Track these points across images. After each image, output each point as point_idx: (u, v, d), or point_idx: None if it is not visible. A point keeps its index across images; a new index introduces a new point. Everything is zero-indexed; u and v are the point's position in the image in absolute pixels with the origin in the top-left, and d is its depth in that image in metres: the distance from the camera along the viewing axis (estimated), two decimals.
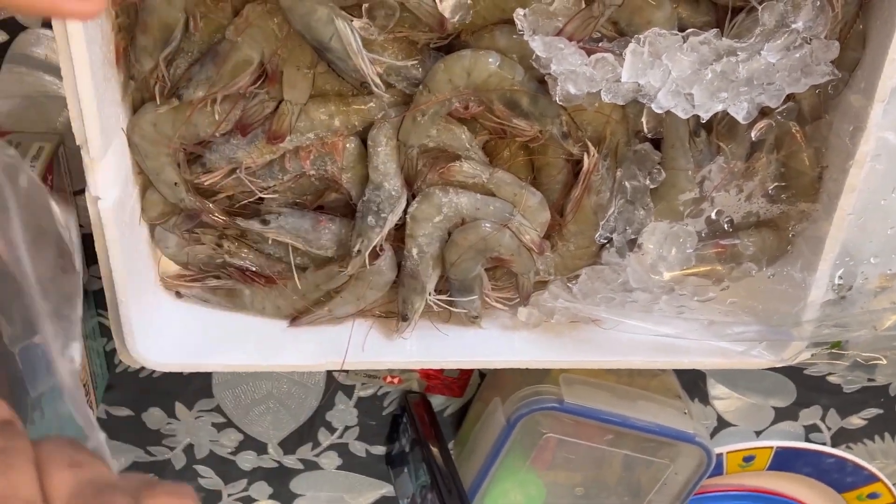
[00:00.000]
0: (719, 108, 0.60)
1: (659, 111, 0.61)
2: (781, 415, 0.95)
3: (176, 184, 0.67)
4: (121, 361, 0.84)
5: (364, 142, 0.67)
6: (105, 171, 0.60)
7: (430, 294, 0.70)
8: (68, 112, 0.57)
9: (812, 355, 0.72)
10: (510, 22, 0.61)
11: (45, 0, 0.33)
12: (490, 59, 0.61)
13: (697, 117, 0.62)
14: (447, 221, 0.68)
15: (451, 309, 0.72)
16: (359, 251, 0.66)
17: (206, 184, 0.67)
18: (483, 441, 0.82)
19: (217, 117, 0.63)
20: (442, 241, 0.69)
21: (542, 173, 0.69)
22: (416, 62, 0.63)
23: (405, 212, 0.68)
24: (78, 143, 0.58)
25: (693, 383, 0.92)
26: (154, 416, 0.90)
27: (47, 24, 0.70)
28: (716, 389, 0.93)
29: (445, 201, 0.67)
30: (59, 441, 0.37)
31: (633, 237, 0.68)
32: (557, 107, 0.63)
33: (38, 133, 0.73)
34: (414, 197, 0.68)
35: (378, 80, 0.61)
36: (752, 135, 0.64)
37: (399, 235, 0.70)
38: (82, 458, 0.36)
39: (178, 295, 0.74)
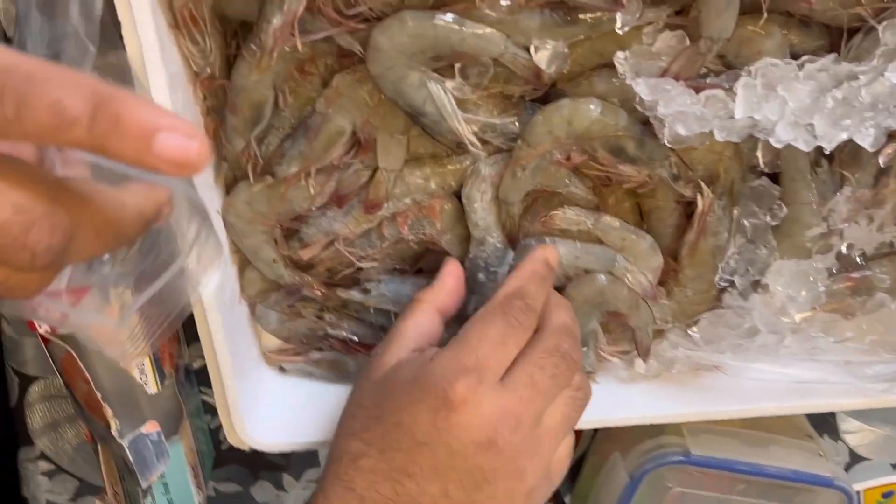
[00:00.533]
0: (844, 136, 0.56)
1: (778, 145, 0.57)
2: None
3: (274, 261, 0.65)
4: (226, 437, 0.84)
5: (461, 200, 0.64)
6: None
7: None
8: None
9: None
10: (609, 65, 0.58)
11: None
12: (591, 107, 0.58)
13: (819, 147, 0.58)
14: None
15: None
16: (475, 309, 0.64)
17: (304, 258, 0.65)
18: (605, 499, 0.78)
19: (312, 191, 0.62)
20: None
21: (651, 217, 0.65)
22: (512, 119, 0.61)
23: None
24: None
25: (822, 418, 0.86)
26: (262, 490, 0.89)
27: None
28: (847, 423, 0.87)
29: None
30: None
31: (757, 278, 0.63)
32: (665, 148, 0.60)
33: None
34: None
35: (475, 140, 0.59)
36: (881, 160, 0.59)
37: None
38: None
39: (282, 370, 0.72)
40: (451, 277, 0.61)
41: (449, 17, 0.54)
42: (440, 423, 0.50)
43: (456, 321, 0.60)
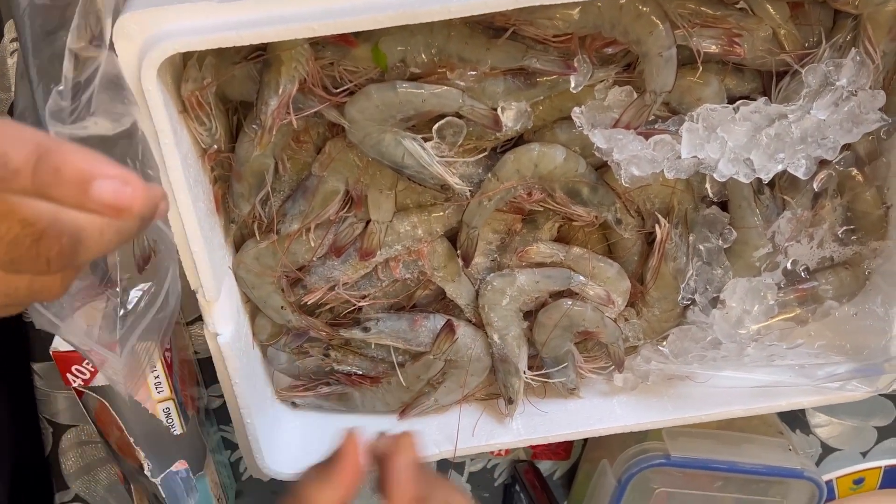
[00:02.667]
0: (779, 168, 0.63)
1: (722, 179, 0.64)
2: (884, 433, 0.96)
3: (282, 307, 0.72)
4: (246, 469, 0.90)
5: (452, 241, 0.72)
6: (220, 310, 0.66)
7: (525, 372, 0.74)
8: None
9: None
10: (569, 118, 0.65)
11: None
12: (557, 153, 0.66)
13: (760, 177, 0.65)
14: (515, 302, 0.72)
15: (549, 381, 0.75)
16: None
17: (308, 303, 0.72)
18: (597, 503, 0.85)
19: (313, 244, 0.69)
20: (519, 320, 0.73)
21: (617, 247, 0.72)
22: (481, 157, 0.68)
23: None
24: (193, 288, 0.64)
25: (793, 415, 0.93)
26: None
27: None
28: (816, 418, 0.94)
29: (506, 284, 0.71)
30: None
31: (715, 295, 0.71)
32: (613, 196, 0.68)
33: None
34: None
35: (457, 180, 0.66)
36: (815, 185, 0.67)
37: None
38: None
39: (294, 405, 0.79)
40: (349, 462, 0.57)
41: (407, 84, 0.61)
42: None
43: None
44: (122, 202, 0.33)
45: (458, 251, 0.71)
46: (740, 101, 0.63)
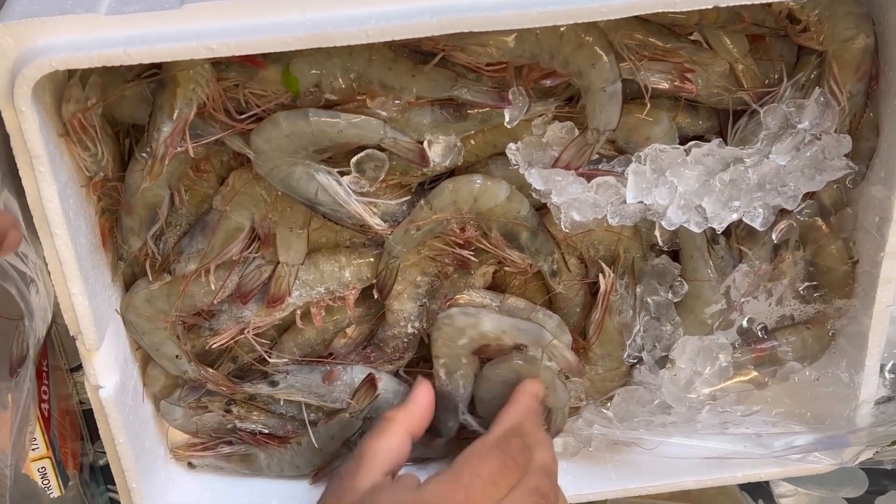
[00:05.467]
0: (734, 217, 0.64)
1: (671, 228, 0.64)
2: None
3: (177, 356, 0.71)
4: None
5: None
6: (103, 359, 0.65)
7: (463, 413, 0.73)
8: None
9: (875, 452, 0.74)
10: (504, 154, 0.65)
11: None
12: (500, 190, 0.65)
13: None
14: (473, 344, 0.71)
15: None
16: None
17: (214, 346, 0.71)
18: None
19: (213, 287, 0.68)
20: (470, 361, 0.72)
21: (557, 297, 0.72)
22: (406, 200, 0.68)
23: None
24: (72, 334, 0.63)
25: (755, 485, 0.93)
26: None
27: None
28: (780, 487, 0.95)
29: (468, 325, 0.69)
30: None
31: (664, 354, 0.71)
32: (553, 245, 0.68)
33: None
34: None
35: (378, 220, 0.65)
36: (774, 237, 0.67)
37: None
38: None
39: (191, 466, 0.78)
40: (423, 398, 0.65)
41: (322, 112, 0.61)
42: None
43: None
44: None
45: (375, 282, 0.70)
46: (692, 143, 0.64)
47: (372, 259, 0.70)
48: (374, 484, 0.57)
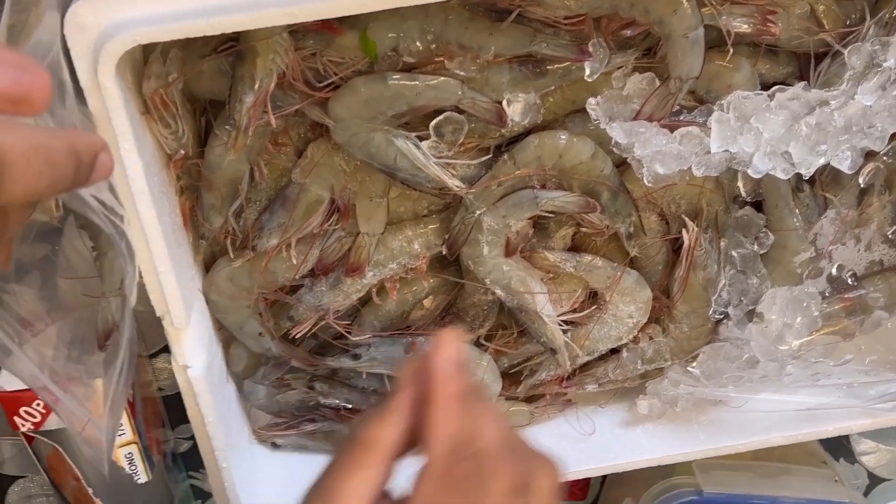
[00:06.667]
0: (821, 161, 0.63)
1: (757, 176, 0.63)
2: None
3: (260, 334, 0.70)
4: None
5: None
6: (190, 339, 0.64)
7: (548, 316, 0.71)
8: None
9: None
10: (582, 111, 0.64)
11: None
12: (585, 147, 0.64)
13: (799, 173, 0.64)
14: (496, 246, 0.69)
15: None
16: None
17: (297, 335, 0.71)
18: None
19: (295, 261, 0.67)
20: (516, 261, 0.70)
21: (639, 256, 0.71)
22: (485, 159, 0.67)
23: None
24: (159, 314, 0.63)
25: (836, 442, 0.92)
26: None
27: None
28: (862, 445, 0.94)
29: (474, 234, 0.68)
30: None
31: (751, 308, 0.70)
32: (632, 207, 0.67)
33: None
34: None
35: (458, 182, 0.65)
36: (860, 180, 0.66)
37: None
38: None
39: (275, 446, 0.77)
40: (404, 407, 0.48)
41: (400, 75, 0.60)
42: None
43: None
44: (20, 90, 0.32)
45: (447, 238, 0.69)
46: (776, 88, 0.63)
47: (437, 225, 0.70)
48: None
